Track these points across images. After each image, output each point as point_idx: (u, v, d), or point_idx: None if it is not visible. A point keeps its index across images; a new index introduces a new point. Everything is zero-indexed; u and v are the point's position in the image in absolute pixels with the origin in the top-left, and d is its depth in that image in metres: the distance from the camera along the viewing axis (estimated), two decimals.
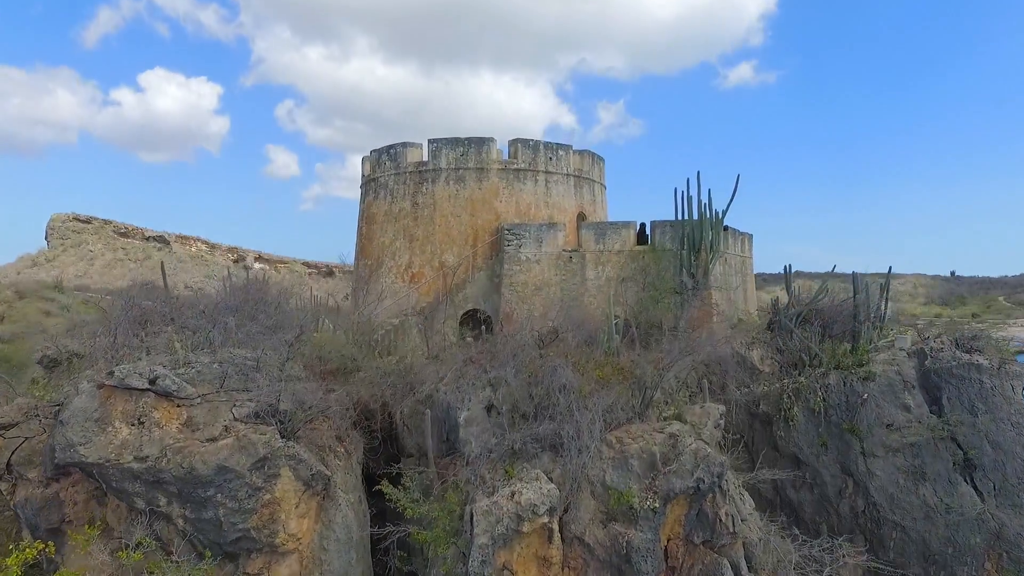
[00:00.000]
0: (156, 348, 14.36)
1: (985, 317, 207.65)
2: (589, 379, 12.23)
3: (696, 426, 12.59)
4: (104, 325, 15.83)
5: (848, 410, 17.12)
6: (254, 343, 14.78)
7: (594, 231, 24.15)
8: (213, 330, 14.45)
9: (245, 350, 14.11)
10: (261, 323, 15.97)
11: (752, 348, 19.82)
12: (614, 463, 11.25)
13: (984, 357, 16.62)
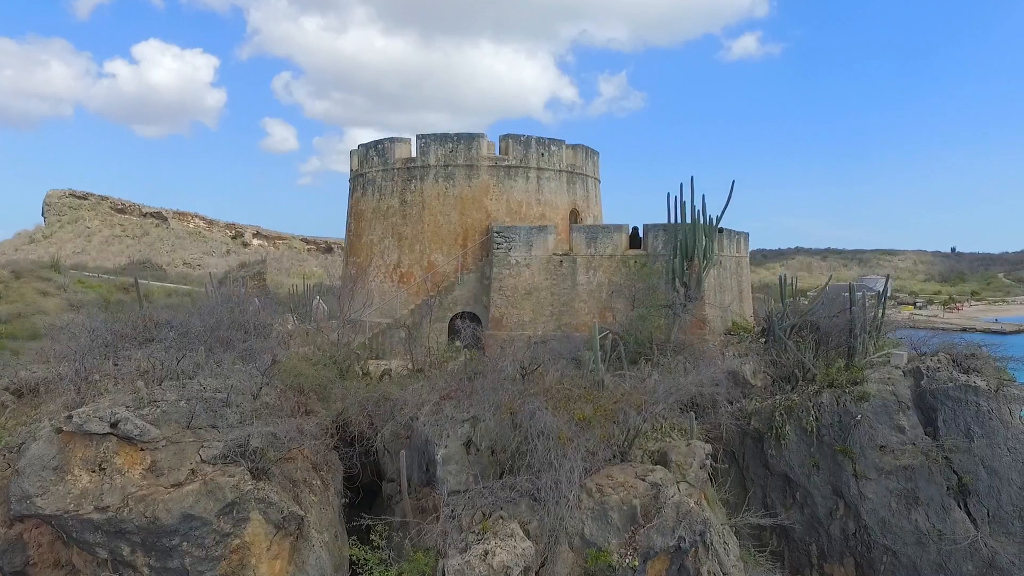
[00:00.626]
0: (125, 376, 13.87)
1: (984, 295, 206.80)
2: (570, 420, 11.74)
3: (681, 466, 12.16)
4: (72, 347, 15.30)
5: (841, 430, 16.70)
6: (225, 373, 14.28)
7: (585, 234, 23.50)
8: (182, 360, 13.94)
9: (216, 380, 13.62)
10: (236, 348, 15.45)
11: (745, 362, 19.34)
12: (593, 514, 10.85)
13: (982, 378, 16.13)
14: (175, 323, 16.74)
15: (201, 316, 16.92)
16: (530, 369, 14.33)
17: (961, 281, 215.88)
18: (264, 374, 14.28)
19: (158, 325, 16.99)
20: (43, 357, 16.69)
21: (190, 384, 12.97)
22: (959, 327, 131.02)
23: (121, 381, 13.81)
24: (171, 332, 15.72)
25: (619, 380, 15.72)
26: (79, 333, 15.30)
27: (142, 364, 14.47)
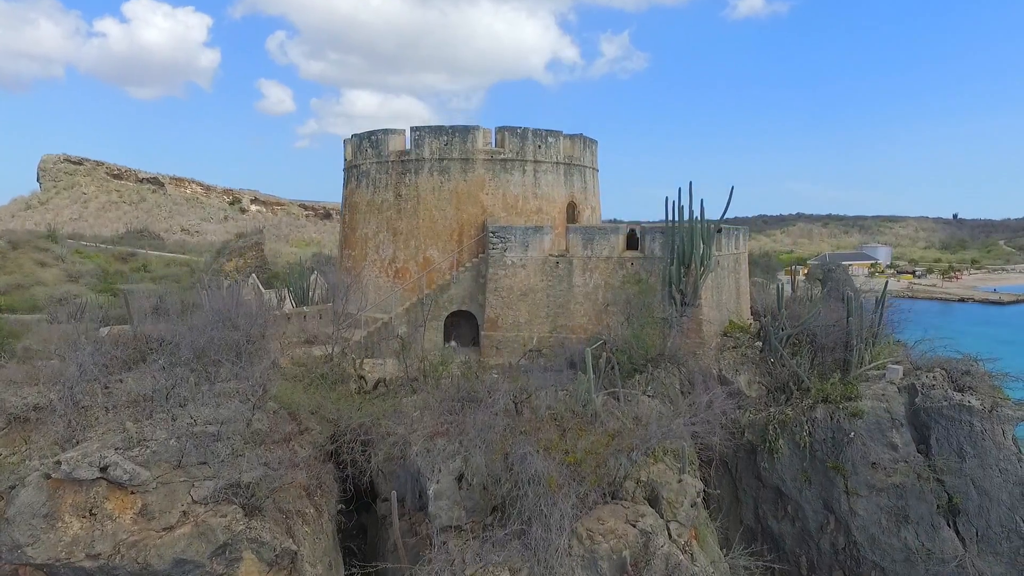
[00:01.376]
0: (116, 405, 13.80)
1: (984, 263, 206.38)
2: (561, 463, 11.69)
3: (672, 505, 12.19)
4: (64, 371, 15.17)
5: (834, 447, 16.74)
6: (217, 398, 14.21)
7: (582, 236, 23.17)
8: (173, 389, 13.83)
9: (207, 409, 13.55)
10: (226, 372, 15.34)
11: (740, 372, 19.28)
12: (583, 562, 10.91)
13: (977, 397, 16.08)
14: (167, 342, 16.57)
15: (192, 335, 16.73)
16: (522, 399, 14.22)
17: (962, 248, 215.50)
18: (255, 402, 14.19)
19: (149, 342, 16.85)
20: (33, 377, 16.56)
21: (180, 417, 12.89)
22: (957, 297, 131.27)
23: (112, 410, 13.75)
24: (160, 358, 15.56)
25: (613, 403, 15.66)
26: (69, 360, 15.11)
27: (132, 391, 14.37)
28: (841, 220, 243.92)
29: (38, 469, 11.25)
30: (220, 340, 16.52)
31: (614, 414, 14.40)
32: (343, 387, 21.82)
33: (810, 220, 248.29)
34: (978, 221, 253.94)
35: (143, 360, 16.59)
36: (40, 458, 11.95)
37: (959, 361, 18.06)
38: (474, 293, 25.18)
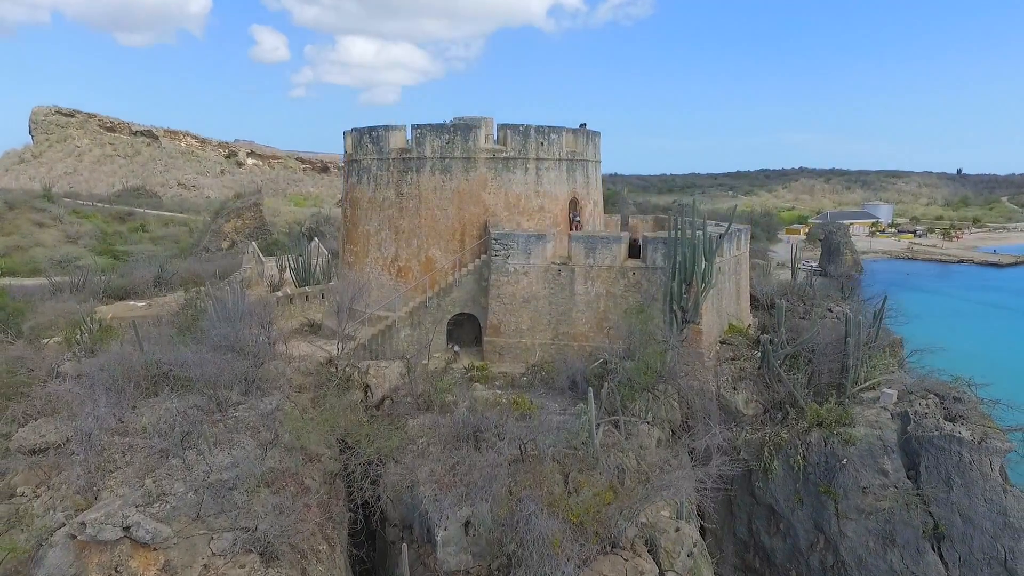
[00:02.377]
0: (132, 448, 14.22)
1: (986, 221, 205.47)
2: (564, 521, 12.18)
3: (669, 554, 12.77)
4: (81, 406, 15.54)
5: (827, 471, 17.32)
6: (230, 436, 14.63)
7: (584, 244, 23.21)
8: (187, 436, 14.19)
9: (221, 454, 13.99)
10: (236, 396, 15.71)
11: (738, 390, 19.70)
12: None
13: (967, 427, 16.55)
14: (177, 377, 16.87)
15: (202, 364, 17.01)
16: (526, 442, 14.61)
17: (964, 206, 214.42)
18: (268, 442, 14.61)
19: (160, 374, 17.17)
20: (50, 405, 16.94)
21: (196, 466, 13.32)
22: (956, 259, 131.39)
23: (130, 452, 14.18)
24: (172, 398, 15.89)
25: (613, 433, 16.11)
26: (84, 405, 15.41)
27: (147, 429, 14.77)
28: (844, 175, 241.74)
29: (64, 524, 11.73)
30: (230, 372, 16.81)
31: (615, 452, 14.86)
32: (349, 396, 22.36)
33: (812, 175, 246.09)
34: (982, 176, 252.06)
35: (155, 392, 16.96)
36: (63, 510, 12.43)
37: (952, 387, 18.44)
38: (476, 296, 25.38)
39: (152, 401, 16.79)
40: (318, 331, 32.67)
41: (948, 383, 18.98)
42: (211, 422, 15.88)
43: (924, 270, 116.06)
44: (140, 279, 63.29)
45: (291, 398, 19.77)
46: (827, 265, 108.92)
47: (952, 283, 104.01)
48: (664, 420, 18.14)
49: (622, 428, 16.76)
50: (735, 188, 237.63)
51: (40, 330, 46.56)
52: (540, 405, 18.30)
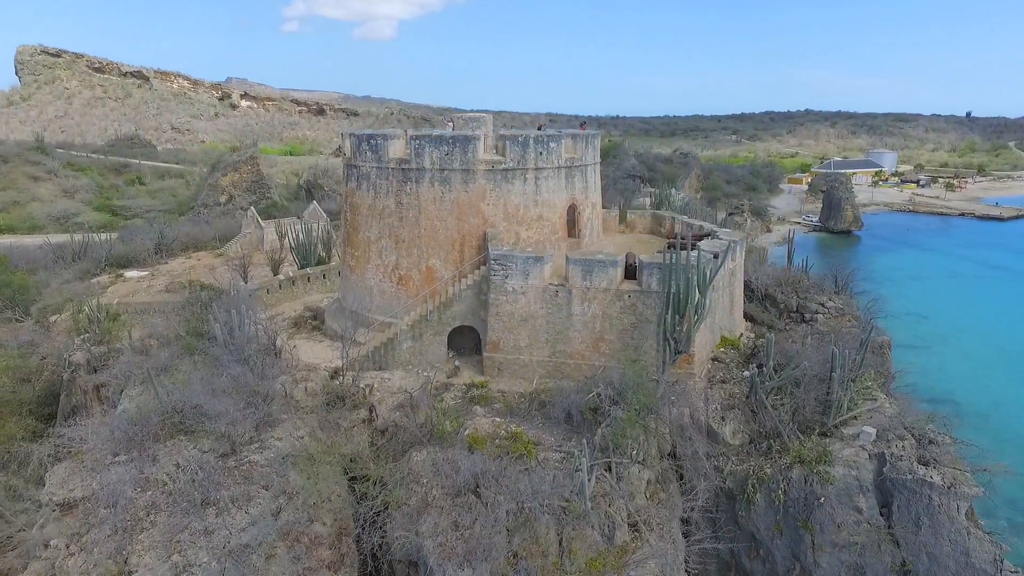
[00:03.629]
0: (157, 506, 15.23)
1: (991, 169, 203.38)
2: None
3: None
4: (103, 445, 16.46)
5: (805, 507, 18.47)
6: (246, 488, 15.62)
7: (581, 267, 23.63)
8: (208, 497, 15.17)
9: (239, 513, 15.00)
10: (248, 435, 16.65)
11: (726, 421, 20.65)
12: None
13: (938, 473, 17.56)
14: (191, 430, 17.73)
15: (216, 406, 17.83)
16: (522, 508, 15.61)
17: (970, 151, 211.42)
18: (282, 493, 15.61)
19: (176, 421, 18.03)
20: (77, 458, 17.83)
21: (217, 531, 14.36)
22: (958, 212, 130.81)
23: (154, 511, 15.20)
24: (189, 444, 16.79)
25: (604, 483, 17.16)
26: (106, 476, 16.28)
27: (168, 483, 15.76)
28: (850, 119, 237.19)
29: None
30: (241, 410, 17.66)
31: (605, 502, 15.94)
32: (355, 414, 23.38)
33: (818, 118, 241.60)
34: (992, 119, 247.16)
35: (172, 435, 17.87)
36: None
37: (929, 426, 19.35)
38: (476, 309, 26.00)
39: (170, 445, 17.74)
40: (321, 322, 33.42)
41: (926, 420, 19.91)
42: (226, 470, 16.88)
43: (924, 224, 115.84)
44: (141, 246, 63.63)
45: (299, 425, 20.77)
46: (827, 220, 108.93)
47: (951, 240, 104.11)
48: (655, 457, 19.17)
49: (613, 470, 17.82)
50: (739, 132, 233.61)
51: (48, 310, 47.46)
52: (537, 441, 19.29)
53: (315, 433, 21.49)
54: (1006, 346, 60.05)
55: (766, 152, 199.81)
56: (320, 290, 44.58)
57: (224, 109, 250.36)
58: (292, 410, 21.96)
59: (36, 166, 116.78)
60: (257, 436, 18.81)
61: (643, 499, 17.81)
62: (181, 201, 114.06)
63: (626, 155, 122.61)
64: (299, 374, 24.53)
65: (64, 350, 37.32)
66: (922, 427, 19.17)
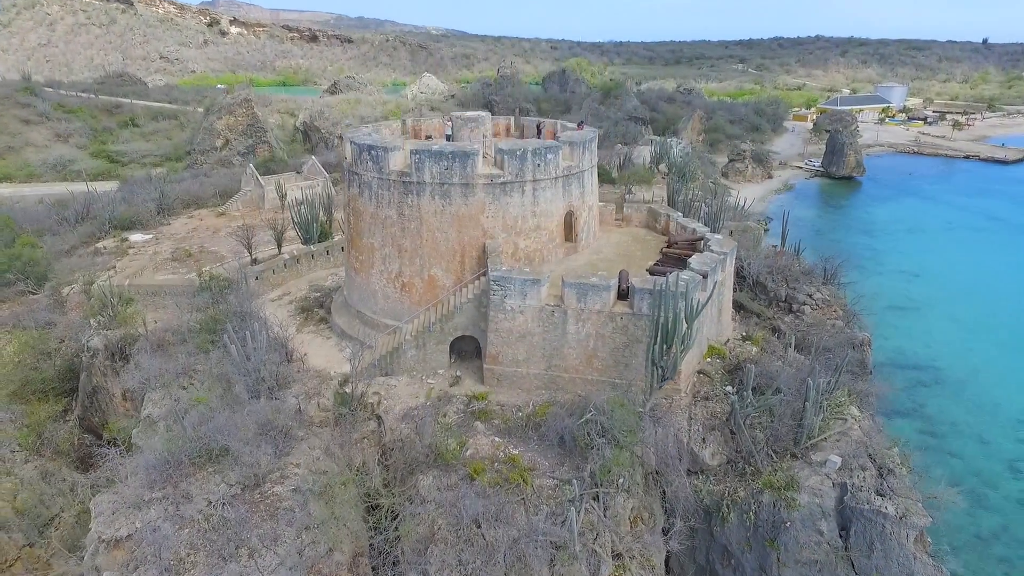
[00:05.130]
0: (194, 544, 17.23)
1: (1002, 103, 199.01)
2: None
3: None
4: None
5: (773, 528, 20.58)
6: (274, 533, 17.59)
7: (576, 291, 24.77)
8: (239, 538, 17.10)
9: (268, 554, 17.01)
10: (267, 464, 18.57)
11: (707, 443, 22.49)
12: None
13: (893, 503, 19.52)
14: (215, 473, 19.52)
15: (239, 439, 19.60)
16: (518, 547, 17.58)
17: (983, 82, 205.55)
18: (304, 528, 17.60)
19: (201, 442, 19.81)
20: (117, 492, 19.65)
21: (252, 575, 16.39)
22: (963, 154, 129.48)
23: (192, 550, 17.21)
24: (217, 476, 18.65)
25: (592, 514, 19.14)
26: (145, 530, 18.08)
27: (203, 522, 17.72)
28: (861, 46, 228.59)
29: None
30: (261, 436, 19.49)
31: (591, 535, 17.97)
32: (364, 426, 25.24)
33: (828, 45, 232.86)
34: (1009, 46, 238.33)
35: (200, 467, 19.69)
36: None
37: (893, 452, 21.16)
38: (476, 321, 27.36)
39: (200, 478, 19.62)
40: (327, 311, 34.83)
41: (890, 445, 21.72)
42: (252, 506, 18.82)
43: (927, 168, 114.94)
44: (143, 207, 64.16)
45: (314, 444, 22.64)
46: (829, 166, 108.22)
47: (952, 186, 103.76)
48: (639, 484, 21.12)
49: (600, 500, 19.79)
50: (746, 61, 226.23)
51: (60, 284, 48.91)
52: (532, 466, 21.20)
53: (329, 448, 23.45)
54: (992, 307, 61.56)
55: (772, 85, 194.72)
56: (324, 266, 45.75)
57: (213, 36, 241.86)
58: (306, 426, 23.81)
59: (27, 108, 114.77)
60: (277, 463, 20.66)
61: (627, 526, 19.90)
62: (176, 145, 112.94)
63: (628, 96, 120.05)
64: (311, 387, 26.20)
65: (81, 333, 38.94)
66: (884, 455, 20.99)
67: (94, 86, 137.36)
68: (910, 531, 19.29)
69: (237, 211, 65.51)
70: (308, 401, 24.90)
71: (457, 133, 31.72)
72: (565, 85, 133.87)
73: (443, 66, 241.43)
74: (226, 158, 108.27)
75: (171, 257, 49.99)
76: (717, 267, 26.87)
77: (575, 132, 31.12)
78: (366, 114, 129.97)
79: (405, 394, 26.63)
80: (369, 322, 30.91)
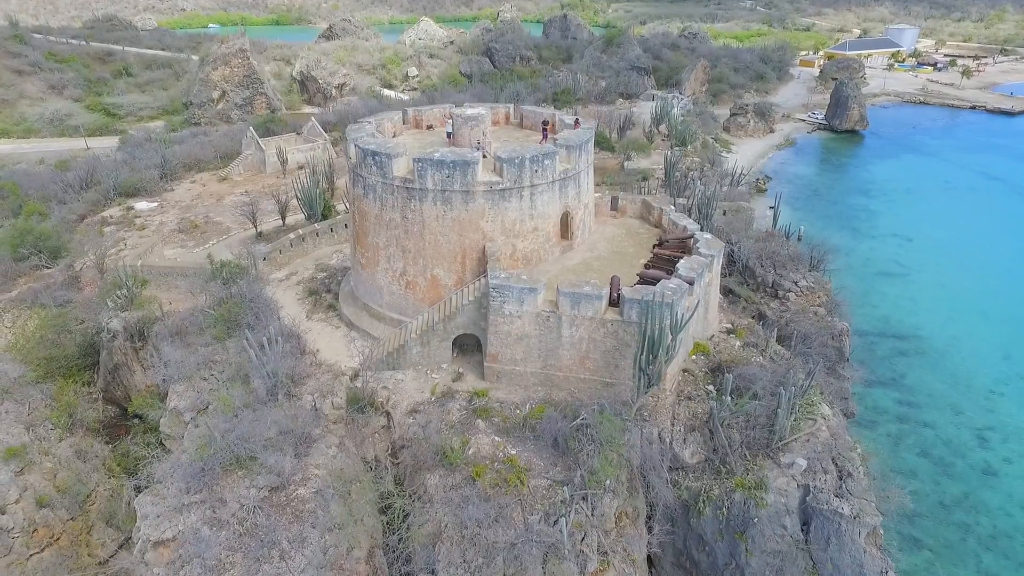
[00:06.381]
0: (232, 549, 19.67)
1: (1016, 44, 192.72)
2: None
3: None
4: None
5: (743, 522, 23.09)
6: (301, 535, 20.01)
7: (570, 299, 26.40)
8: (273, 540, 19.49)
9: (298, 555, 19.47)
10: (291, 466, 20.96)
11: (687, 443, 24.75)
12: None
13: (848, 504, 21.93)
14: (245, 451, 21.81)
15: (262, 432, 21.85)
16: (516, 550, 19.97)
17: (999, 21, 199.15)
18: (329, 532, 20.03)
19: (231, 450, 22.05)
20: (158, 494, 21.98)
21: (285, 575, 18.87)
22: (969, 104, 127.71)
23: (230, 552, 19.66)
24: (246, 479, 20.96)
25: (580, 514, 21.54)
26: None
27: (238, 526, 20.14)
28: None
29: None
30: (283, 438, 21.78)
31: (579, 534, 20.45)
32: (374, 422, 27.49)
33: None
34: None
35: (231, 470, 21.96)
36: None
37: (850, 457, 23.42)
38: (477, 320, 29.16)
39: (232, 481, 21.94)
40: (335, 296, 36.61)
41: (852, 446, 23.97)
42: (279, 509, 21.20)
43: (932, 120, 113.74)
44: (147, 174, 64.95)
45: (330, 443, 24.92)
46: (832, 119, 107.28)
47: (955, 140, 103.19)
48: (624, 484, 23.48)
49: (588, 500, 22.18)
50: None
51: (73, 258, 50.59)
52: (528, 466, 23.53)
53: (343, 444, 25.80)
54: (979, 274, 63.09)
55: (781, 24, 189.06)
56: (329, 243, 47.22)
57: None
58: (322, 424, 26.05)
59: (18, 58, 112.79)
60: (299, 465, 22.96)
61: (611, 523, 22.38)
62: (173, 96, 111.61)
63: (630, 44, 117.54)
64: (324, 383, 28.28)
65: (99, 314, 40.77)
66: (845, 458, 23.27)
67: (84, 31, 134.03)
68: (862, 528, 21.77)
69: (239, 175, 66.23)
70: (323, 400, 27.01)
71: (457, 131, 32.57)
72: (567, 31, 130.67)
73: (441, 3, 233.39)
74: (224, 111, 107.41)
75: (178, 228, 51.32)
76: (704, 271, 28.42)
77: (572, 133, 31.97)
78: (363, 61, 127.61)
79: (411, 388, 28.79)
80: (375, 315, 32.75)
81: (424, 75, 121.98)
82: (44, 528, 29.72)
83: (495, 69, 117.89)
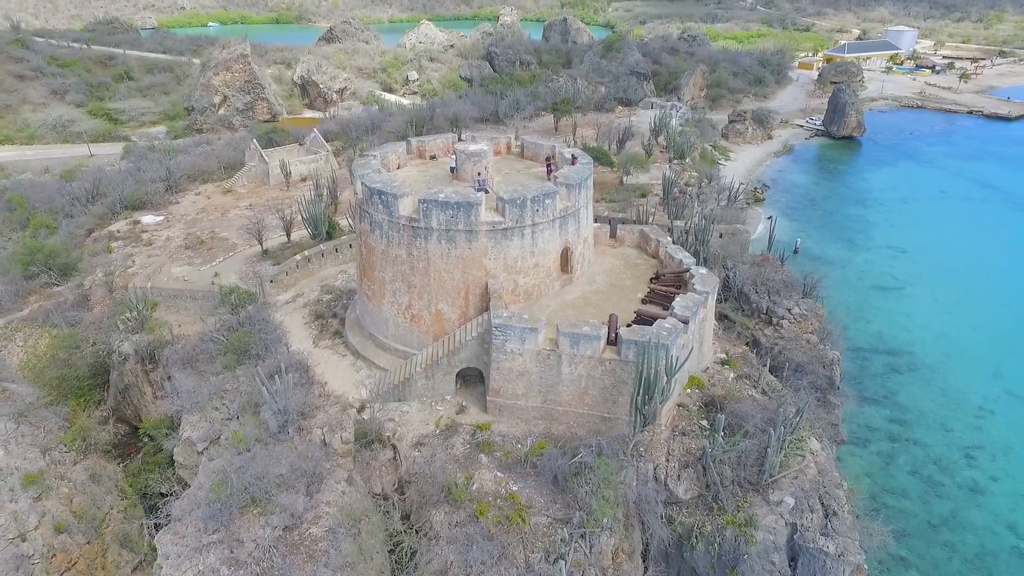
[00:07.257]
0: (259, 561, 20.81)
1: (1015, 45, 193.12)
2: None
3: None
4: None
5: (733, 558, 24.25)
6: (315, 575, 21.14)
7: (570, 339, 27.45)
8: None
9: (328, 571, 20.61)
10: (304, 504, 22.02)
11: (680, 479, 25.88)
12: None
13: (833, 543, 23.08)
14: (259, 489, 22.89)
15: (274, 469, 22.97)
16: None
17: (999, 21, 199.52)
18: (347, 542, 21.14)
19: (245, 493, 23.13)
20: (176, 533, 23.08)
21: None
22: (967, 108, 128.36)
23: None
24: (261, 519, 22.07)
25: (579, 552, 22.67)
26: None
27: (255, 567, 21.26)
28: None
29: None
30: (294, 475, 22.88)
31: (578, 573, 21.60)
32: (381, 455, 28.58)
33: None
34: None
35: (247, 508, 23.05)
36: None
37: (836, 496, 24.55)
38: (480, 354, 30.23)
39: (248, 519, 23.05)
40: (341, 322, 37.65)
41: (838, 483, 25.09)
42: (293, 547, 22.33)
43: (929, 126, 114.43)
44: (151, 187, 65.78)
45: (339, 477, 26.02)
46: (830, 125, 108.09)
47: (951, 147, 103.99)
48: (621, 521, 24.61)
49: (587, 538, 23.31)
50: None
51: (83, 276, 51.53)
52: (529, 504, 24.65)
53: (352, 478, 26.92)
54: (972, 288, 64.03)
55: (781, 24, 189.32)
56: (334, 263, 48.21)
57: None
58: (331, 458, 27.15)
59: (20, 63, 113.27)
60: (311, 502, 24.08)
61: (609, 560, 23.54)
62: (174, 101, 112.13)
63: (629, 49, 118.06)
64: (332, 416, 29.34)
65: (109, 335, 41.74)
66: (832, 497, 24.40)
67: (85, 35, 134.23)
68: (846, 567, 22.94)
69: (242, 187, 67.02)
70: (332, 434, 28.09)
71: (461, 166, 33.49)
72: (567, 35, 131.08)
73: (441, 2, 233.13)
74: (225, 116, 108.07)
75: (184, 244, 52.21)
76: (698, 309, 29.45)
77: (571, 171, 32.88)
78: (364, 65, 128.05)
79: (416, 420, 29.86)
80: (381, 345, 33.81)
81: (424, 79, 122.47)
82: (63, 553, 30.83)
83: (495, 73, 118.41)
